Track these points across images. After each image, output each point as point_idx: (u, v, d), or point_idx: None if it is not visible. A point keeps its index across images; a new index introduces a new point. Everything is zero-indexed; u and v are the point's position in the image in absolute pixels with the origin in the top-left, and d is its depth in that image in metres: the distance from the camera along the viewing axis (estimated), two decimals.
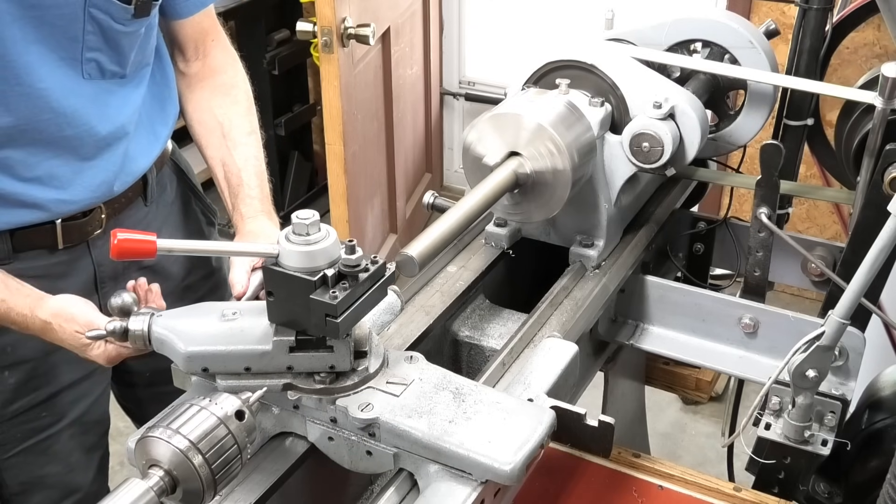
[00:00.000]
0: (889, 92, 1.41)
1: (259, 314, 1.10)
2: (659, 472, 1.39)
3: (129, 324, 1.14)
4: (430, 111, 4.17)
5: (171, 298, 1.71)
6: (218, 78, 1.71)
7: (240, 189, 1.62)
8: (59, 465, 1.67)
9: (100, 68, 1.48)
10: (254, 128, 1.71)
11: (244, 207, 1.59)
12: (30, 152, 1.44)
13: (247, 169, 1.63)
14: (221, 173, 1.66)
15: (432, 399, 1.10)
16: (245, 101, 1.72)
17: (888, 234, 1.17)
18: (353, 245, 1.05)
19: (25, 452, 1.63)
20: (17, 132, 1.41)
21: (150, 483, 0.94)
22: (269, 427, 1.19)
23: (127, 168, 1.58)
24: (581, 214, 1.56)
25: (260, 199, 1.61)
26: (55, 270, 1.54)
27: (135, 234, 1.05)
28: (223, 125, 1.67)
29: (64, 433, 1.66)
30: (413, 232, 3.72)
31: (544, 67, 1.58)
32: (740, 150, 1.82)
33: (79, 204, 1.53)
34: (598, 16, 1.82)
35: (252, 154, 1.66)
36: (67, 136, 1.46)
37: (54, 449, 1.65)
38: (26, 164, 1.44)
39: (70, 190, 1.50)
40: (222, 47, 1.74)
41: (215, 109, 1.69)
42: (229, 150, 1.65)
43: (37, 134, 1.43)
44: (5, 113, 1.39)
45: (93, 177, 1.52)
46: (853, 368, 1.47)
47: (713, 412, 3.31)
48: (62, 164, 1.48)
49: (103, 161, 1.53)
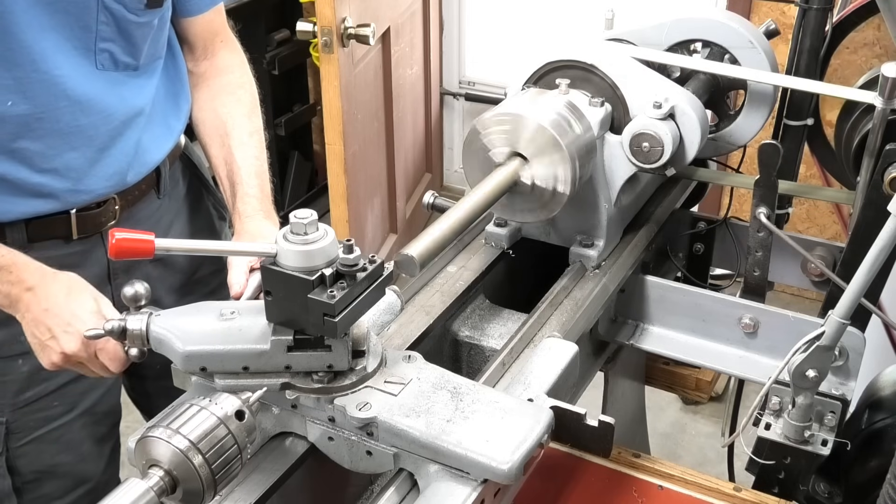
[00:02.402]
0: (889, 92, 1.41)
1: (257, 313, 1.10)
2: (659, 472, 1.39)
3: (128, 323, 1.14)
4: (430, 111, 4.17)
5: (181, 292, 1.75)
6: (224, 77, 1.73)
7: (238, 188, 1.62)
8: (71, 455, 1.69)
9: (113, 59, 1.49)
10: (256, 128, 1.71)
11: (242, 206, 1.60)
12: (46, 143, 1.45)
13: (246, 168, 1.64)
14: (223, 172, 1.67)
15: (430, 398, 1.10)
16: (249, 102, 1.73)
17: (888, 234, 1.17)
18: (351, 244, 1.05)
19: (38, 441, 1.64)
20: (33, 120, 1.42)
21: (150, 483, 0.94)
22: (269, 427, 1.19)
23: (140, 159, 1.59)
24: (581, 214, 1.56)
25: (259, 199, 1.62)
26: (69, 261, 1.55)
27: (133, 234, 1.05)
28: (226, 124, 1.68)
29: (76, 423, 1.67)
30: (413, 232, 3.72)
31: (544, 67, 1.57)
32: (740, 150, 1.82)
33: (92, 194, 1.54)
34: (598, 16, 1.82)
35: (252, 154, 1.67)
36: (82, 125, 1.48)
37: (66, 438, 1.67)
38: (43, 154, 1.46)
39: (84, 180, 1.52)
40: (231, 48, 1.75)
41: (219, 109, 1.70)
42: (230, 149, 1.66)
43: (53, 123, 1.44)
44: (22, 100, 1.40)
45: (106, 167, 1.53)
46: (853, 368, 1.47)
47: (713, 412, 3.31)
48: (77, 154, 1.49)
49: (116, 151, 1.54)
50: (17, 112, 1.40)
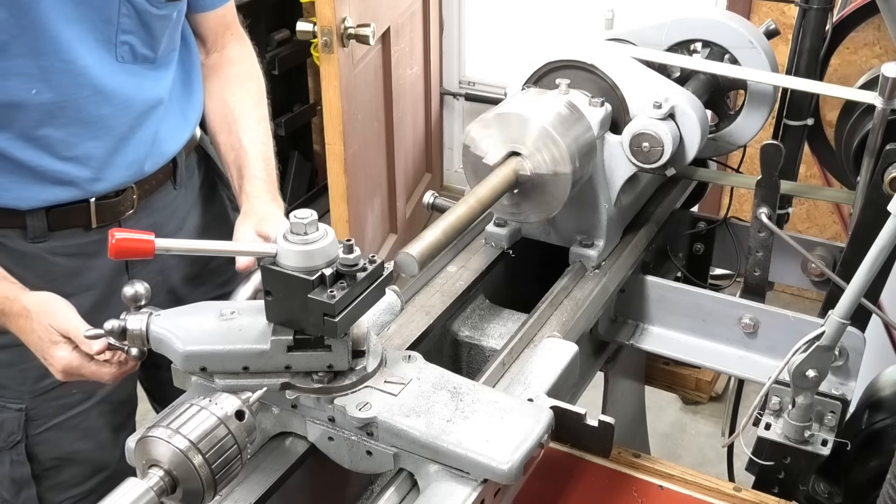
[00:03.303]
0: (889, 92, 1.41)
1: (257, 313, 1.10)
2: (659, 472, 1.39)
3: (128, 323, 1.14)
4: (430, 111, 4.17)
5: (196, 281, 1.78)
6: (234, 68, 1.77)
7: (246, 170, 1.66)
8: (89, 443, 1.71)
9: (132, 52, 1.52)
10: (263, 117, 1.76)
11: (250, 187, 1.63)
12: (69, 131, 1.48)
13: (253, 152, 1.68)
14: (230, 157, 1.70)
15: (430, 398, 1.10)
16: (256, 92, 1.78)
17: (888, 234, 1.17)
18: (351, 244, 1.05)
19: (57, 428, 1.66)
20: (56, 109, 1.45)
21: (150, 483, 0.94)
22: (269, 427, 1.19)
23: (158, 149, 1.62)
24: (581, 214, 1.56)
25: (266, 181, 1.65)
26: (88, 249, 1.58)
27: (132, 234, 1.05)
28: (234, 112, 1.72)
29: (93, 410, 1.69)
30: (413, 232, 3.72)
31: (544, 67, 1.57)
32: (740, 150, 1.82)
33: (112, 182, 1.57)
34: (598, 16, 1.82)
35: (260, 140, 1.71)
36: (104, 114, 1.51)
37: (84, 426, 1.69)
38: (65, 142, 1.49)
39: (104, 169, 1.55)
40: (240, 41, 1.80)
41: (228, 98, 1.73)
42: (238, 135, 1.70)
43: (76, 112, 1.47)
44: (47, 89, 1.43)
45: (125, 156, 1.56)
46: (853, 368, 1.47)
47: (713, 412, 3.31)
48: (98, 143, 1.52)
49: (135, 140, 1.57)
50: (41, 100, 1.43)
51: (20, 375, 1.60)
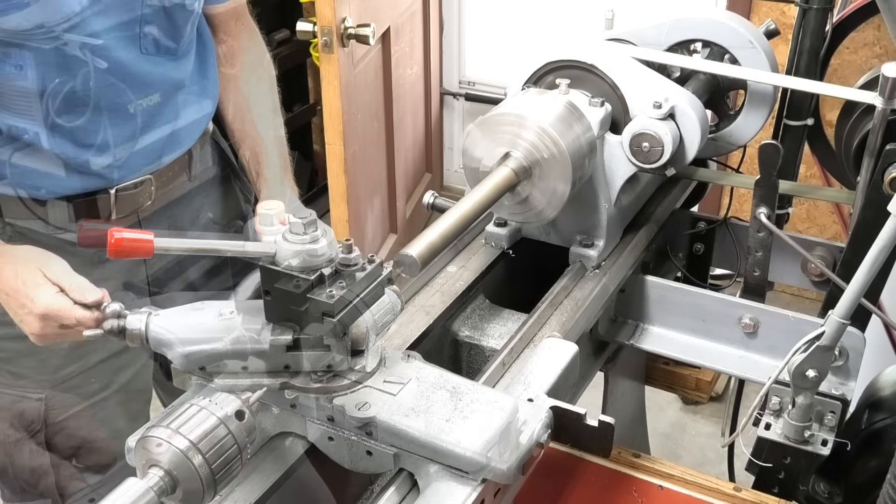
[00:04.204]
0: (889, 92, 1.41)
1: (256, 313, 1.10)
2: (659, 472, 1.39)
3: (127, 322, 1.14)
4: (430, 111, 4.16)
5: (209, 274, 1.79)
6: (244, 57, 1.80)
7: (262, 157, 1.70)
8: (106, 432, 1.72)
9: (156, 44, 1.55)
10: (276, 105, 1.80)
11: (267, 172, 1.68)
12: (91, 120, 1.50)
13: (269, 139, 1.72)
14: (246, 144, 1.74)
15: (429, 398, 1.10)
16: (268, 80, 1.82)
17: (888, 234, 1.17)
18: (350, 244, 1.05)
19: (75, 417, 1.67)
20: (79, 97, 1.47)
21: (150, 483, 0.94)
22: (269, 427, 1.18)
23: (175, 139, 1.65)
24: (581, 214, 1.56)
25: (281, 167, 1.69)
26: None
27: (132, 234, 1.05)
28: (248, 100, 1.75)
29: (110, 400, 1.71)
30: (413, 232, 3.71)
31: (544, 67, 1.58)
32: (740, 150, 1.82)
33: (131, 171, 1.59)
34: (598, 16, 1.82)
35: (274, 127, 1.75)
36: (125, 103, 1.53)
37: (102, 415, 1.70)
38: (87, 130, 1.51)
39: (125, 158, 1.56)
40: (249, 31, 1.83)
41: (241, 87, 1.77)
42: (253, 122, 1.73)
43: (98, 101, 1.49)
44: (72, 78, 1.45)
45: (144, 145, 1.59)
46: (853, 368, 1.47)
47: (713, 412, 3.31)
48: (119, 132, 1.54)
49: (154, 130, 1.59)
50: (64, 89, 1.45)
51: (40, 365, 1.61)
